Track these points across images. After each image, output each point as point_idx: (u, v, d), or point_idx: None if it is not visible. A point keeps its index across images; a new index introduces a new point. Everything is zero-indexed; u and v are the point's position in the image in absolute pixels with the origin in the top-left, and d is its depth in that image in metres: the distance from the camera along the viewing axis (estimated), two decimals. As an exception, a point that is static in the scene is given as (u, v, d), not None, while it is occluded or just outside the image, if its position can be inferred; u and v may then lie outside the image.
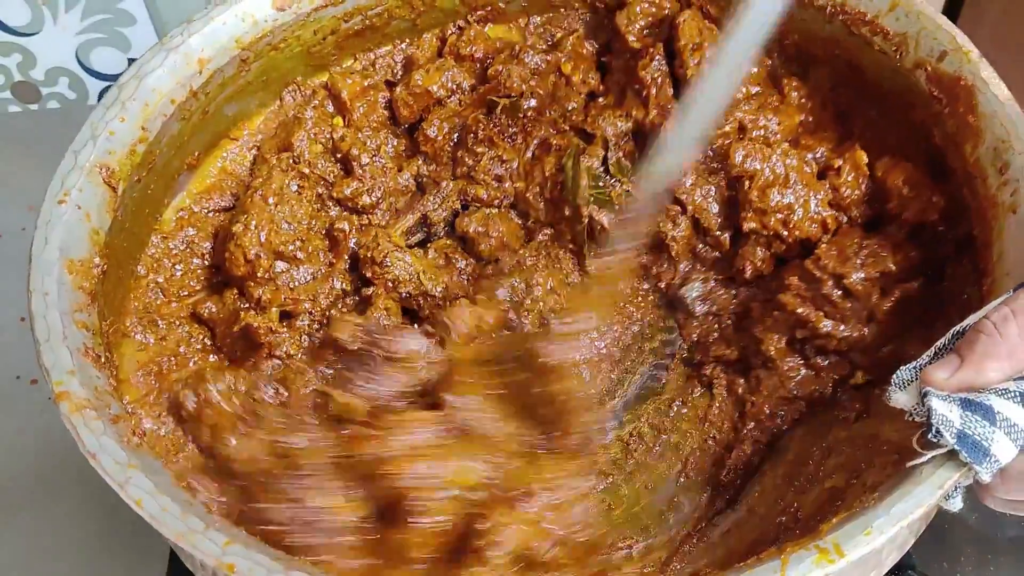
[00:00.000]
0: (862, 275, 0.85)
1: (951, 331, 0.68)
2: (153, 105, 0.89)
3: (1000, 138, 0.79)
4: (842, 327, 0.87)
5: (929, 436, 0.63)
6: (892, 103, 0.90)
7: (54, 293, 0.76)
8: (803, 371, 0.91)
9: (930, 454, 0.63)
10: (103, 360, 0.76)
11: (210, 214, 0.97)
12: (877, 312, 0.85)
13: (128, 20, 1.39)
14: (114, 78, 1.32)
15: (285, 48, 0.99)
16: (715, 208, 0.94)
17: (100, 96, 1.46)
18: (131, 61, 1.36)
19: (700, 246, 0.96)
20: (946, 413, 0.62)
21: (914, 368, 0.67)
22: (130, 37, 1.41)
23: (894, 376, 0.68)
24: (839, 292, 0.86)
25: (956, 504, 0.68)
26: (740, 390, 0.93)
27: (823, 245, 0.88)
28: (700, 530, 0.86)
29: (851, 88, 0.94)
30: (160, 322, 0.91)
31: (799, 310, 0.88)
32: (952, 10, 1.28)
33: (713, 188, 0.93)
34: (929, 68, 0.85)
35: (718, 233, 0.94)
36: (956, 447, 0.62)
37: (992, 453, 0.62)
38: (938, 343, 0.68)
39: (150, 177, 0.90)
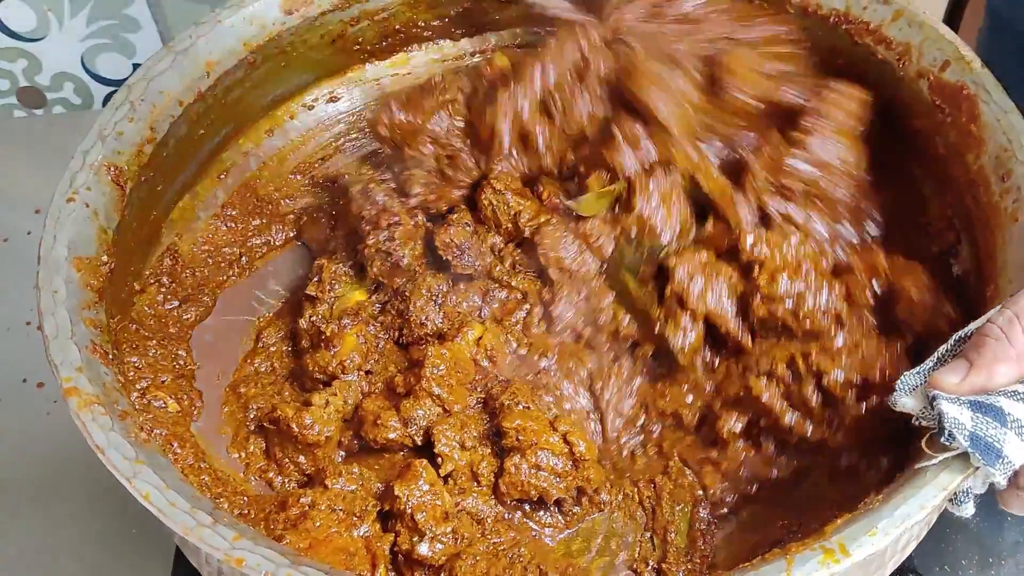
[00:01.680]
0: (842, 376, 0.80)
1: (954, 336, 0.68)
2: (161, 106, 0.90)
3: (1002, 146, 0.80)
4: (807, 425, 0.82)
5: (941, 439, 0.63)
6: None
7: (62, 291, 0.76)
8: (752, 454, 0.86)
9: (941, 456, 0.64)
10: (111, 357, 0.76)
11: None
12: (846, 417, 0.80)
13: (133, 26, 1.40)
14: (119, 83, 1.32)
15: (292, 51, 1.00)
16: (731, 309, 0.87)
17: (105, 101, 1.47)
18: (136, 67, 1.36)
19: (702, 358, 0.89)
20: (957, 416, 0.62)
21: (919, 373, 0.67)
22: (135, 43, 1.42)
23: (898, 382, 0.68)
24: (818, 396, 0.81)
25: (968, 510, 0.68)
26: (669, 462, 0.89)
27: (822, 341, 0.83)
28: (702, 533, 0.86)
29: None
30: None
31: (764, 396, 0.83)
32: (952, 20, 1.29)
33: (725, 286, 0.86)
34: (932, 77, 0.86)
35: (738, 335, 0.87)
36: (969, 449, 0.62)
37: (1005, 454, 0.62)
38: (941, 348, 0.68)
39: (158, 177, 0.90)
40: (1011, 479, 0.64)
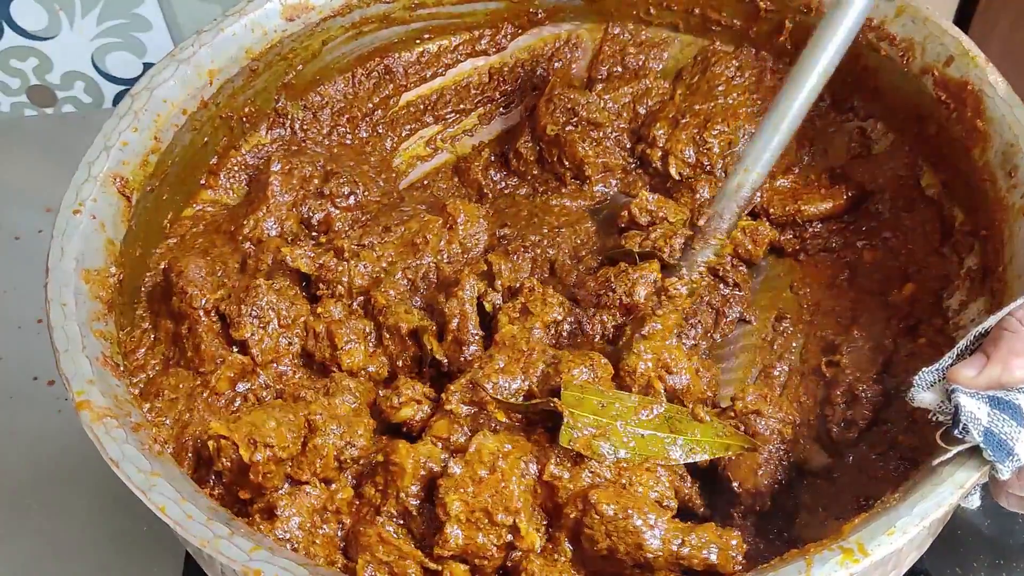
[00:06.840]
0: None
1: (972, 332, 0.68)
2: (165, 116, 0.90)
3: (1009, 142, 0.79)
4: None
5: (955, 432, 0.63)
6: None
7: (71, 303, 0.77)
8: None
9: (955, 450, 0.64)
10: (121, 368, 0.77)
11: None
12: None
13: (144, 25, 1.39)
14: (130, 82, 1.33)
15: (294, 58, 1.00)
16: None
17: (115, 100, 1.48)
18: (146, 66, 1.36)
19: None
20: (974, 410, 0.63)
21: (937, 370, 0.68)
22: (145, 42, 1.42)
23: (916, 377, 0.68)
24: None
25: (974, 502, 0.68)
26: None
27: None
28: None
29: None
30: None
31: None
32: (962, 23, 1.28)
33: None
34: (936, 73, 0.86)
35: None
36: (982, 444, 0.62)
37: (1016, 453, 0.63)
38: (959, 344, 0.68)
39: (163, 187, 0.91)
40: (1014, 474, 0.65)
